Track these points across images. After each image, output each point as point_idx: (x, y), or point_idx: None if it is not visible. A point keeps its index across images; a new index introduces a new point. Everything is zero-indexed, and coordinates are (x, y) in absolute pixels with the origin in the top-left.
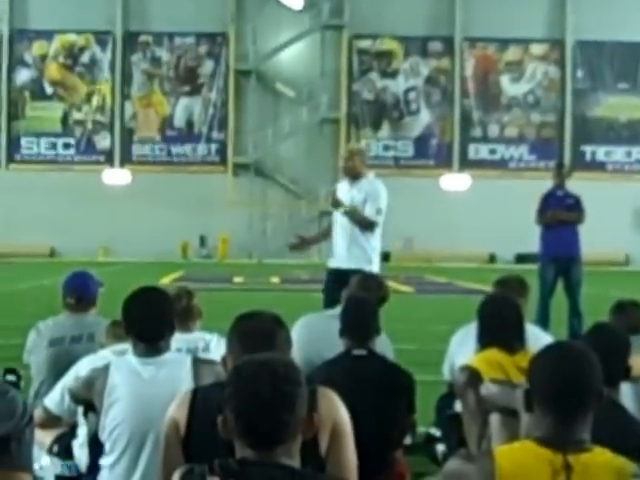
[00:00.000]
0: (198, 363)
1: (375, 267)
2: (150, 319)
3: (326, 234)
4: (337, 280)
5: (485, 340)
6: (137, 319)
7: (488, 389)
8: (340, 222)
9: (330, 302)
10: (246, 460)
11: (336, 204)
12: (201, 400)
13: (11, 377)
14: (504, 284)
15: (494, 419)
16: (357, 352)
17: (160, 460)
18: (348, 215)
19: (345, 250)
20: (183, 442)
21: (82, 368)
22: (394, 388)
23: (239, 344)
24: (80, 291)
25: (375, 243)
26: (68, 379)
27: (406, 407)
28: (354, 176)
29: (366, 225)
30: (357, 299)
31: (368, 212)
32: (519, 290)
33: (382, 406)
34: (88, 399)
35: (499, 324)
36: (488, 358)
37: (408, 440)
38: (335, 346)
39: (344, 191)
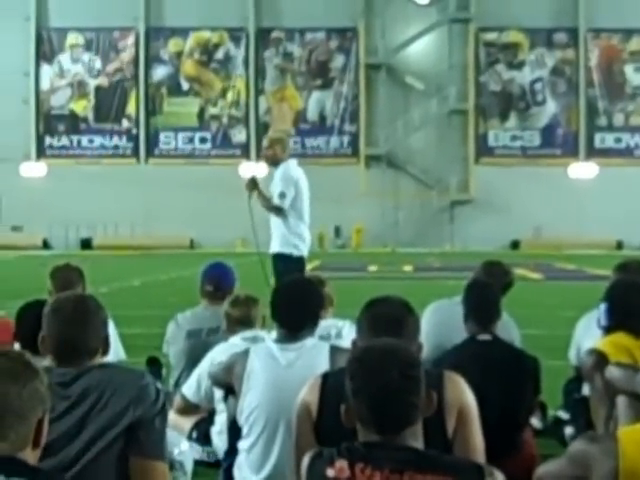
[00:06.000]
0: (335, 350)
1: (298, 252)
2: (294, 308)
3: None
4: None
5: (612, 324)
6: (282, 306)
7: (611, 372)
8: None
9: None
10: (372, 443)
11: (249, 188)
12: (332, 384)
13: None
14: (625, 268)
15: (621, 400)
16: (482, 337)
17: (293, 443)
18: (259, 200)
19: (272, 235)
20: (315, 426)
21: (216, 355)
22: (519, 373)
23: (369, 328)
24: (218, 279)
25: (296, 228)
26: (203, 367)
27: (531, 390)
28: (274, 163)
29: (271, 209)
30: (480, 284)
31: (273, 196)
32: None
33: (508, 390)
34: (228, 382)
35: (627, 308)
36: (615, 342)
37: (539, 424)
38: (464, 331)
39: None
